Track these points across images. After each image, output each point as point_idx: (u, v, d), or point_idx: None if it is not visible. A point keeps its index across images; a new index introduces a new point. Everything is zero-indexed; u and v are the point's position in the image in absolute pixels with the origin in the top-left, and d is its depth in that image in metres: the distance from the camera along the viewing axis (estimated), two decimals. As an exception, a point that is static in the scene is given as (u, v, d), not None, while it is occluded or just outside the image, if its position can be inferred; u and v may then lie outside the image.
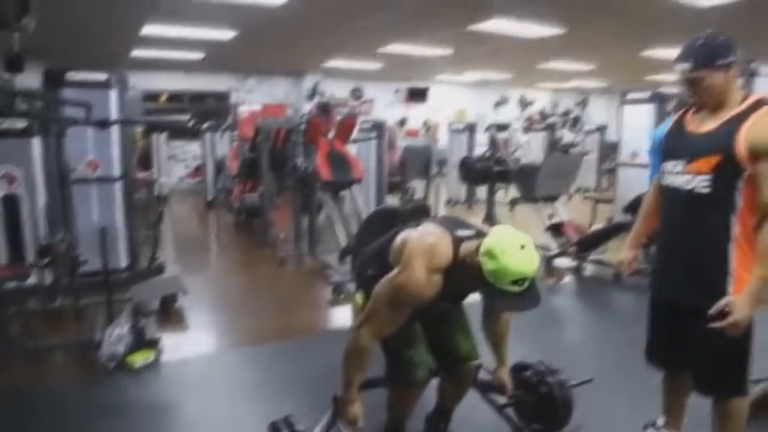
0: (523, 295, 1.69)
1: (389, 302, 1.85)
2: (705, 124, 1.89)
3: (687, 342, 1.97)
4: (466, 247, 1.81)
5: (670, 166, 1.97)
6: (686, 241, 1.95)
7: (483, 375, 2.34)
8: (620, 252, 2.36)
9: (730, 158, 1.78)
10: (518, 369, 2.39)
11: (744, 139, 1.75)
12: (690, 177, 1.89)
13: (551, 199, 5.86)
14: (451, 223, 1.94)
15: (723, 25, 5.74)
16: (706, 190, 1.84)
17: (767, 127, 1.75)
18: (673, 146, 2.00)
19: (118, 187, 4.59)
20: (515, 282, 1.66)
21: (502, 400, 2.42)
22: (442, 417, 2.31)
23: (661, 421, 2.31)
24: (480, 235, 1.82)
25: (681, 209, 1.95)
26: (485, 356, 2.28)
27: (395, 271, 1.85)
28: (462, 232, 1.87)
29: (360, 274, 2.22)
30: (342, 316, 4.49)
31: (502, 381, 2.24)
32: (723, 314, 1.76)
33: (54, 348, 3.53)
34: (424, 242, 1.85)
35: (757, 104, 1.81)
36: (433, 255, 1.81)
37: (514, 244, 1.67)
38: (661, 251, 2.09)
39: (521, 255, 1.66)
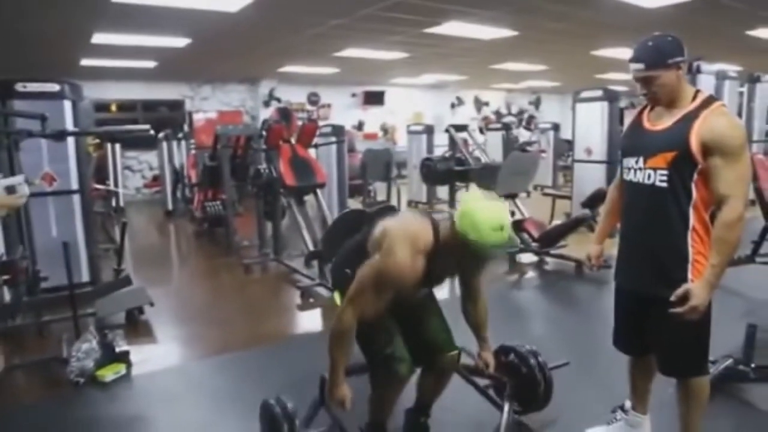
0: (505, 243, 1.84)
1: (373, 285, 1.89)
2: (660, 122, 2.00)
3: (650, 328, 2.08)
4: (444, 226, 1.91)
5: (631, 162, 2.07)
6: (647, 233, 2.04)
7: (465, 359, 2.39)
8: (584, 245, 2.46)
9: (684, 154, 1.89)
10: (501, 352, 2.46)
11: (696, 136, 1.86)
12: (649, 172, 1.99)
13: (512, 196, 6.01)
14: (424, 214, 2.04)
15: (667, 25, 6.01)
16: (664, 184, 1.95)
17: (716, 124, 1.86)
18: (632, 144, 2.11)
19: (76, 200, 4.50)
20: (494, 228, 1.78)
21: (484, 382, 2.49)
22: (422, 411, 2.34)
23: (628, 404, 2.41)
24: (453, 217, 1.91)
25: (641, 203, 2.05)
26: (466, 340, 2.35)
27: (378, 256, 1.90)
28: (437, 216, 1.98)
29: (337, 274, 2.26)
30: (311, 321, 4.50)
31: (486, 362, 2.30)
32: (682, 300, 1.87)
33: (18, 367, 3.43)
34: (406, 228, 1.93)
35: (707, 102, 1.93)
36: (416, 239, 1.89)
37: (482, 200, 1.86)
38: (623, 243, 2.19)
39: (491, 205, 1.85)
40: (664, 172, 1.94)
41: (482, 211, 1.81)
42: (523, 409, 2.43)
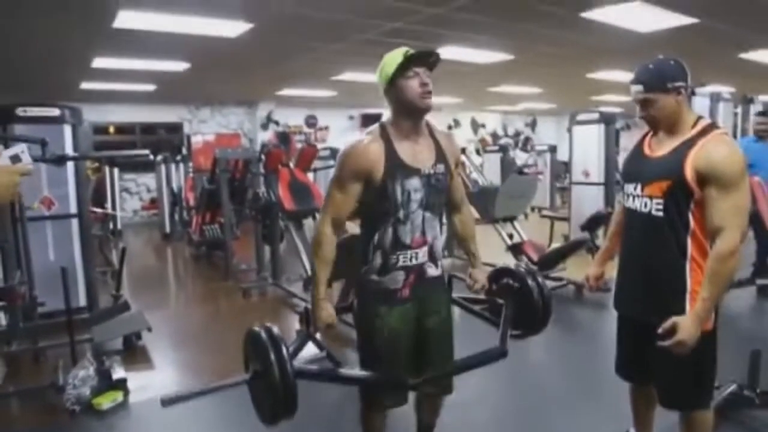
0: (421, 56, 1.90)
1: (335, 180, 1.94)
2: (660, 149, 1.97)
3: (651, 357, 2.03)
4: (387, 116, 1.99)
5: (630, 188, 2.05)
6: (644, 261, 2.02)
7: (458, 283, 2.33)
8: (584, 268, 2.45)
9: (679, 183, 1.85)
10: (496, 274, 2.35)
11: (691, 165, 1.82)
12: (646, 200, 1.96)
13: (510, 219, 6.01)
14: None
15: (661, 49, 6.07)
16: (660, 213, 1.92)
17: (713, 153, 1.81)
18: (632, 170, 2.09)
19: (74, 224, 4.47)
20: (405, 54, 1.88)
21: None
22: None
23: None
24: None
25: (639, 230, 2.03)
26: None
27: None
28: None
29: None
30: (311, 346, 4.45)
31: (476, 278, 2.23)
32: (669, 333, 1.81)
33: (13, 394, 3.38)
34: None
35: (706, 130, 1.89)
36: (363, 135, 1.96)
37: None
38: (622, 270, 2.16)
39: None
40: (660, 200, 1.91)
41: (387, 54, 1.92)
42: (523, 332, 2.31)
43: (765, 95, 9.63)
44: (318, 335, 2.14)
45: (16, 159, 1.68)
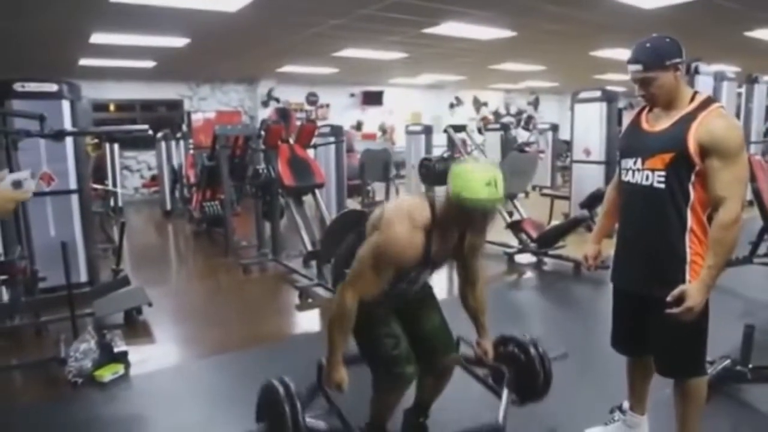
0: (498, 198, 1.83)
1: (372, 262, 1.89)
2: (659, 123, 2.00)
3: (648, 329, 2.07)
4: (440, 200, 1.93)
5: (629, 163, 2.07)
6: (645, 234, 2.04)
7: (464, 348, 2.39)
8: (583, 246, 2.46)
9: (682, 155, 1.89)
10: (501, 341, 2.43)
11: (693, 138, 1.87)
12: (647, 173, 1.99)
13: (510, 196, 6.01)
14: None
15: (665, 26, 6.03)
16: (662, 186, 1.95)
17: (714, 126, 1.86)
18: (630, 144, 2.11)
19: (74, 200, 4.48)
20: (488, 183, 1.79)
21: (483, 371, 2.49)
22: (420, 412, 2.35)
23: (626, 405, 2.41)
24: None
25: (639, 204, 2.05)
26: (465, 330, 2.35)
27: (376, 234, 1.91)
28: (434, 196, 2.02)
29: (336, 274, 2.26)
30: (310, 321, 4.50)
31: (485, 350, 2.27)
32: (678, 301, 1.87)
33: (16, 367, 3.43)
34: (403, 205, 1.98)
35: (705, 103, 1.93)
36: (413, 213, 1.90)
37: (469, 162, 2.01)
38: (621, 244, 2.19)
39: (481, 165, 1.96)
40: (662, 173, 1.94)
41: (473, 169, 1.85)
42: (522, 399, 2.39)
43: (770, 74, 9.53)
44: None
45: (17, 185, 1.69)
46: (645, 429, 2.37)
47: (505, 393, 2.24)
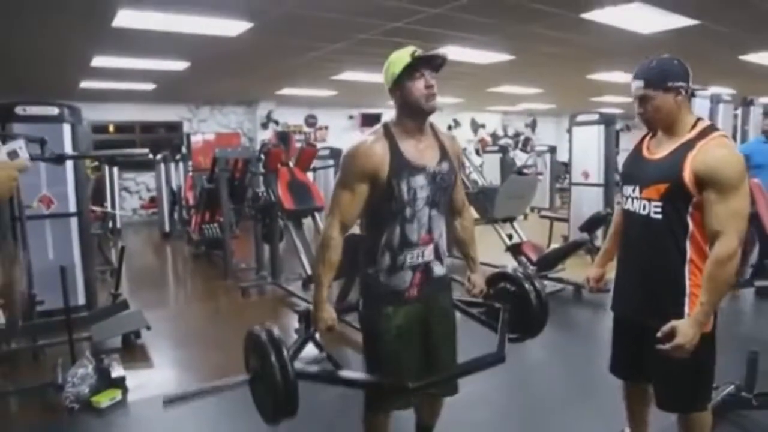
0: (429, 59, 1.89)
1: (342, 181, 1.92)
2: (658, 151, 1.95)
3: (648, 359, 2.02)
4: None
5: (629, 191, 2.04)
6: (644, 264, 2.01)
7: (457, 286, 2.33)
8: (583, 269, 2.44)
9: (677, 186, 1.83)
10: (495, 278, 2.36)
11: (689, 168, 1.80)
12: (644, 202, 1.95)
13: (510, 219, 6.01)
14: None
15: (662, 50, 6.05)
16: (659, 216, 1.90)
17: (712, 156, 1.79)
18: (630, 172, 2.08)
19: (73, 223, 4.47)
20: (411, 54, 1.86)
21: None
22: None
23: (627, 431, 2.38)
24: None
25: (638, 233, 2.01)
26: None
27: None
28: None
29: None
30: (310, 345, 4.45)
31: (474, 283, 2.23)
32: (668, 337, 1.81)
33: (13, 393, 3.38)
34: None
35: (705, 132, 1.86)
36: (366, 135, 1.95)
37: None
38: (621, 271, 2.15)
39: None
40: (658, 203, 1.90)
41: (394, 53, 1.91)
42: (520, 335, 2.30)
43: (765, 97, 9.63)
44: (318, 336, 2.13)
45: (13, 155, 1.68)
46: None
47: (500, 329, 2.17)
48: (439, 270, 2.05)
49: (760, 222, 4.47)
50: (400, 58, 1.87)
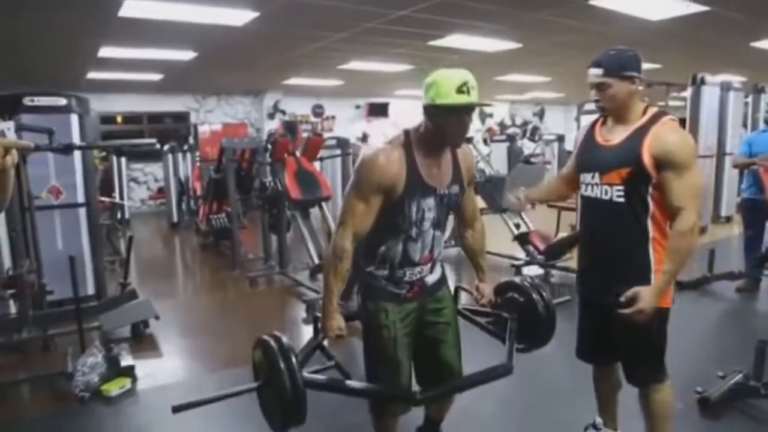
0: (472, 105, 1.81)
1: (356, 191, 1.86)
2: (612, 137, 2.04)
3: (615, 337, 2.11)
4: (415, 126, 1.91)
5: (587, 177, 2.10)
6: (608, 247, 2.07)
7: (465, 301, 2.35)
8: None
9: (638, 169, 1.93)
10: (503, 288, 2.35)
11: (647, 151, 1.91)
12: (606, 188, 2.02)
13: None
14: None
15: (672, 37, 6.01)
16: (622, 200, 1.98)
17: (666, 139, 1.90)
18: (587, 159, 2.14)
19: (82, 213, 4.50)
20: (460, 90, 1.75)
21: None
22: (433, 429, 2.32)
23: (599, 421, 2.41)
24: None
25: (600, 217, 2.08)
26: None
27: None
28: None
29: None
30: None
31: (482, 293, 2.21)
32: (631, 301, 1.91)
33: (24, 381, 3.42)
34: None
35: (656, 117, 1.97)
36: (386, 143, 1.90)
37: (440, 69, 1.82)
38: (584, 257, 2.23)
39: (453, 70, 1.80)
40: (620, 187, 1.98)
41: (444, 75, 1.79)
42: (527, 346, 2.30)
43: (776, 84, 9.49)
44: (326, 343, 2.14)
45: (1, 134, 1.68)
46: None
47: (508, 342, 2.17)
48: (433, 277, 2.06)
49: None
50: (447, 87, 1.76)
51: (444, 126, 1.83)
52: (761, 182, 4.51)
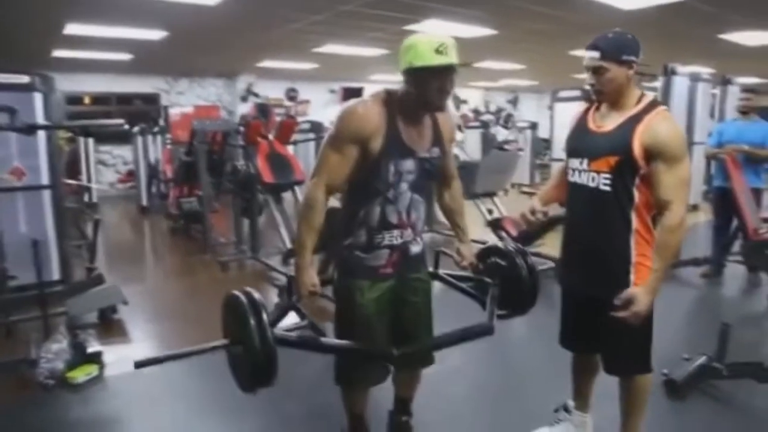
0: (452, 66, 1.78)
1: (332, 141, 1.85)
2: (605, 123, 2.00)
3: (595, 328, 2.10)
4: (396, 88, 1.90)
5: (575, 163, 2.07)
6: (590, 235, 2.05)
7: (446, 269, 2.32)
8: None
9: (627, 158, 1.89)
10: (485, 253, 2.32)
11: (639, 140, 1.87)
12: (593, 175, 1.99)
13: (490, 194, 6.03)
14: None
15: (644, 27, 6.06)
16: (608, 188, 1.95)
17: (659, 129, 1.86)
18: (577, 145, 2.10)
19: (47, 196, 4.37)
20: (438, 51, 1.73)
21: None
22: (403, 409, 2.32)
23: (571, 403, 2.44)
24: None
25: (585, 205, 2.05)
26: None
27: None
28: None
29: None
30: (290, 318, 4.45)
31: (464, 255, 2.19)
32: (626, 304, 1.88)
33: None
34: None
35: (650, 106, 1.93)
36: (365, 97, 1.89)
37: (418, 33, 1.82)
38: (566, 244, 2.20)
39: (432, 33, 1.81)
40: (608, 175, 1.95)
41: (421, 38, 1.78)
42: (509, 311, 2.27)
43: (743, 77, 9.71)
44: (300, 303, 2.10)
45: None
46: (590, 427, 2.40)
47: (489, 303, 2.15)
48: (416, 248, 2.04)
49: (735, 197, 4.55)
50: (423, 50, 1.75)
51: (424, 90, 1.81)
52: (727, 172, 4.62)
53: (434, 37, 1.77)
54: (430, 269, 2.28)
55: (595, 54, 1.92)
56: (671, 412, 2.72)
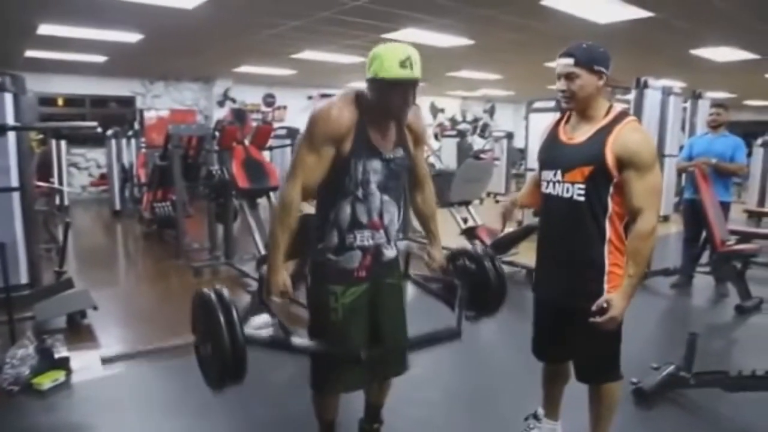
0: (415, 80, 1.82)
1: (308, 143, 1.88)
2: (576, 135, 2.04)
3: (568, 337, 2.13)
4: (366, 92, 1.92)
5: (549, 175, 2.09)
6: (565, 246, 2.07)
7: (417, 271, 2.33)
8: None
9: (601, 168, 1.93)
10: (455, 256, 2.36)
11: (611, 150, 1.91)
12: (567, 186, 2.02)
13: (465, 203, 6.07)
14: None
15: (618, 40, 6.17)
16: (582, 198, 1.98)
17: (630, 139, 1.91)
18: (549, 157, 2.13)
19: (16, 198, 4.27)
20: (402, 64, 1.77)
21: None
22: (374, 417, 2.32)
23: (540, 411, 2.46)
24: None
25: (559, 216, 2.08)
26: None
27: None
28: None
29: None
30: (260, 319, 4.41)
31: (434, 257, 2.22)
32: (602, 310, 1.92)
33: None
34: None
35: (620, 117, 1.98)
36: (337, 96, 1.92)
37: (386, 44, 1.85)
38: (541, 255, 2.22)
39: (395, 44, 1.84)
40: (582, 186, 1.97)
41: (387, 49, 1.81)
42: (477, 313, 2.32)
43: (713, 92, 9.95)
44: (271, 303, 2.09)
45: None
46: None
47: (458, 306, 2.18)
48: (389, 253, 2.05)
49: (703, 208, 4.65)
50: (390, 64, 1.78)
51: (387, 100, 1.84)
52: (697, 184, 4.72)
53: (400, 50, 1.80)
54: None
55: (569, 60, 1.96)
56: (639, 421, 2.75)
